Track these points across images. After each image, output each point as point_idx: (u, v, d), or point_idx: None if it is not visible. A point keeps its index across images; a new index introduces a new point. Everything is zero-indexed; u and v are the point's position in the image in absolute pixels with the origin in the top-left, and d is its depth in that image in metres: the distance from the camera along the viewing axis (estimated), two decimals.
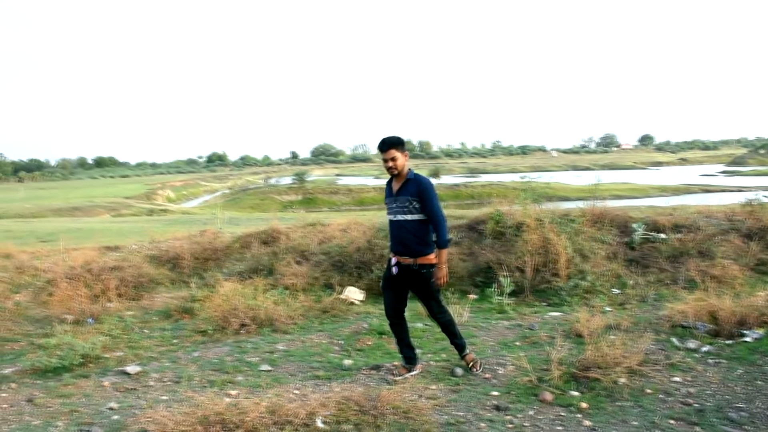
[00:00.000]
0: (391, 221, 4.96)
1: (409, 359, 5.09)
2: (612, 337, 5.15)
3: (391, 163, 4.82)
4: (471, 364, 5.04)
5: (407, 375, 4.95)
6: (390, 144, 4.81)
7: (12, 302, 8.24)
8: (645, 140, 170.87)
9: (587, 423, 3.95)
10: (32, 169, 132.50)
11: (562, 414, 4.10)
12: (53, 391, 5.08)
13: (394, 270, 4.94)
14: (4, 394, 5.11)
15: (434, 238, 4.83)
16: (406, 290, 5.05)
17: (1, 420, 4.51)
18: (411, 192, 4.78)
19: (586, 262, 7.71)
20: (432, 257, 4.81)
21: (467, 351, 5.12)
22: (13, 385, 5.34)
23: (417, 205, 4.77)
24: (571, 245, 7.75)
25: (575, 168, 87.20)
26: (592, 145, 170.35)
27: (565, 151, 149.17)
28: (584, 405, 4.19)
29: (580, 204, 9.99)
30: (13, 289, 9.12)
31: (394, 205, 4.88)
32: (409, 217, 4.80)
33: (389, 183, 5.03)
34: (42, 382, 5.36)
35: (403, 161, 4.84)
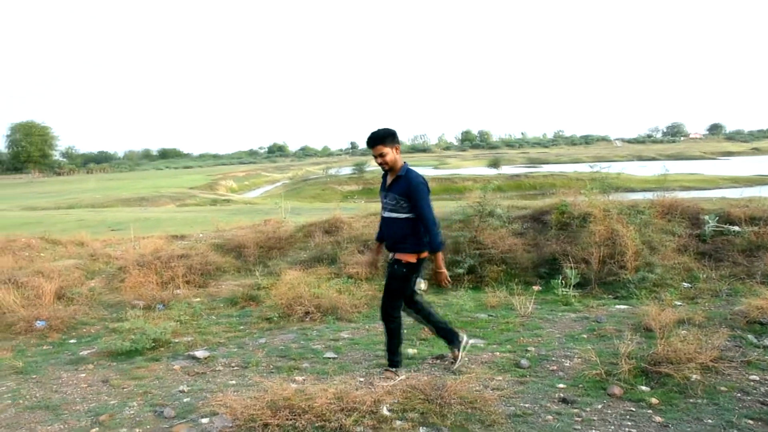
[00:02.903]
0: (382, 217, 4.82)
1: (450, 341, 4.98)
2: (683, 332, 4.98)
3: (380, 159, 4.61)
4: (385, 373, 4.76)
5: (459, 356, 4.89)
6: (376, 139, 4.58)
7: (87, 288, 8.60)
8: (715, 129, 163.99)
9: (658, 419, 3.84)
10: (101, 160, 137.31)
11: (632, 409, 4.00)
12: (127, 373, 5.29)
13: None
14: (82, 374, 5.35)
15: (426, 240, 4.59)
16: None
17: (81, 398, 4.72)
18: (399, 191, 4.57)
19: (654, 255, 7.50)
20: (409, 256, 4.61)
21: (395, 371, 4.74)
22: (90, 366, 5.60)
23: (405, 204, 4.56)
24: (639, 237, 7.54)
25: (640, 158, 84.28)
26: (658, 135, 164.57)
27: (629, 141, 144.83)
28: (655, 401, 4.07)
29: (647, 195, 9.72)
30: (88, 276, 9.51)
31: (385, 201, 4.71)
32: (395, 215, 4.62)
33: (384, 176, 4.83)
34: (116, 364, 5.59)
35: (393, 156, 4.60)
